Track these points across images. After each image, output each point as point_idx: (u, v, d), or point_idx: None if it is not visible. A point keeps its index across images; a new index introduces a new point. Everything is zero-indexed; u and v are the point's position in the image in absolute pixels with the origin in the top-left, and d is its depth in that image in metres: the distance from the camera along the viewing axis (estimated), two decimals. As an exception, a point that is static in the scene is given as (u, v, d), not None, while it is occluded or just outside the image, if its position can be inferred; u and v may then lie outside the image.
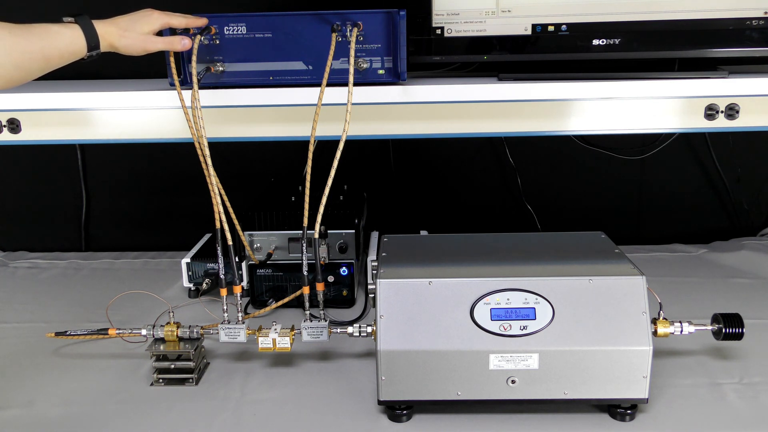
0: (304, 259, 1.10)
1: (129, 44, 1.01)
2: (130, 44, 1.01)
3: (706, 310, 1.17)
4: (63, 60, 0.94)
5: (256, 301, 1.43)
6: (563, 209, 1.88)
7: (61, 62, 0.94)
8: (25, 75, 0.91)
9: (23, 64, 0.89)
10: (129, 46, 1.01)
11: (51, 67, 0.93)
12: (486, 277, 1.01)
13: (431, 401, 1.01)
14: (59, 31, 0.93)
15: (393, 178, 1.85)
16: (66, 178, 1.87)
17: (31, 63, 0.90)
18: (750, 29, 1.20)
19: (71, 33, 0.94)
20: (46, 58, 0.91)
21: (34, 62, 0.90)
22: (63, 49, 0.93)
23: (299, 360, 1.22)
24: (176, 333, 1.14)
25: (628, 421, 1.00)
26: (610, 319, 0.98)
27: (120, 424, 1.04)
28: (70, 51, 0.95)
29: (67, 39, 0.94)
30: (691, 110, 1.16)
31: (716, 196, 1.87)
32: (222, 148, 1.55)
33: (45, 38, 0.91)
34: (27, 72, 0.91)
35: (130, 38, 1.00)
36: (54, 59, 0.93)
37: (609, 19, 1.23)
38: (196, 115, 1.06)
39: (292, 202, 1.54)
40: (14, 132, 1.21)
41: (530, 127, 1.18)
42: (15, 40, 0.87)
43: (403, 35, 1.14)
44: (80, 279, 1.68)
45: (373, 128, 1.19)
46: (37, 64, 0.91)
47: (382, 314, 1.00)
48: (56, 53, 0.93)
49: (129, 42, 1.00)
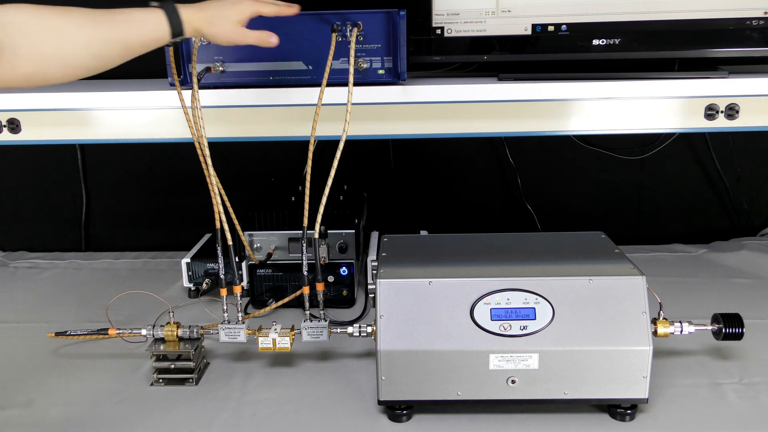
0: (304, 259, 1.10)
1: (218, 33, 0.94)
2: (219, 33, 0.95)
3: (706, 310, 1.17)
4: (144, 48, 0.89)
5: (256, 301, 1.43)
6: (563, 209, 1.88)
7: (142, 50, 0.89)
8: (103, 64, 0.85)
9: (102, 53, 0.83)
10: (218, 35, 0.95)
11: (132, 55, 0.88)
12: (486, 277, 1.01)
13: (431, 401, 1.01)
14: (142, 18, 0.87)
15: (393, 178, 1.84)
16: (66, 178, 1.87)
17: (111, 52, 0.84)
18: (750, 29, 1.20)
19: (154, 19, 0.88)
20: (126, 47, 0.86)
21: (114, 51, 0.84)
22: (145, 36, 0.87)
23: (299, 360, 1.22)
24: (176, 333, 1.14)
25: (628, 421, 1.00)
26: (610, 319, 0.98)
27: (120, 424, 1.04)
28: (152, 38, 0.88)
29: (149, 26, 0.87)
30: (691, 110, 1.16)
31: (716, 196, 1.87)
32: (222, 148, 1.56)
33: (127, 26, 0.85)
34: (106, 61, 0.85)
35: (220, 26, 0.94)
36: (135, 47, 0.87)
37: (609, 19, 1.23)
38: (196, 115, 1.06)
39: (292, 202, 1.54)
40: (14, 132, 1.21)
41: (530, 127, 1.19)
42: (95, 28, 0.82)
43: (403, 35, 1.14)
44: (80, 279, 1.68)
45: (373, 128, 1.19)
46: (117, 53, 0.85)
47: (382, 314, 1.00)
48: (137, 41, 0.86)
49: (218, 30, 0.94)
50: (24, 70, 0.77)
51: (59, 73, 0.81)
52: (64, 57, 0.80)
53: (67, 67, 0.81)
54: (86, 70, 0.83)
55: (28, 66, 0.77)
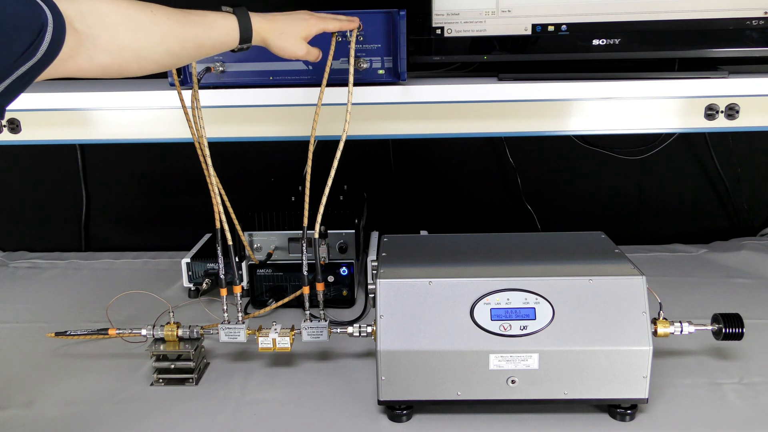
0: (304, 259, 1.10)
1: (284, 46, 0.99)
2: (286, 46, 0.99)
3: (706, 310, 1.17)
4: (215, 50, 0.92)
5: (256, 301, 1.43)
6: (563, 209, 1.88)
7: (213, 52, 0.92)
8: (176, 61, 0.88)
9: (176, 50, 0.86)
10: (283, 48, 0.99)
11: (203, 55, 0.91)
12: (486, 277, 1.01)
13: (431, 401, 1.01)
14: (215, 21, 0.91)
15: (393, 178, 1.84)
16: (66, 178, 1.87)
17: (184, 50, 0.87)
18: (750, 29, 1.20)
19: (226, 24, 0.92)
20: (199, 47, 0.89)
21: (187, 50, 0.87)
22: (216, 39, 0.91)
23: (299, 360, 1.22)
24: (176, 333, 1.14)
25: (628, 421, 1.00)
26: (610, 319, 0.98)
27: (120, 424, 1.04)
28: (222, 42, 0.92)
29: (221, 30, 0.91)
30: (691, 110, 1.16)
31: (716, 196, 1.87)
32: (222, 148, 1.55)
33: (201, 26, 0.88)
34: (178, 58, 0.88)
35: (287, 40, 0.99)
36: (206, 48, 0.90)
37: (609, 19, 1.23)
38: (196, 115, 1.06)
39: (292, 202, 1.54)
40: (14, 132, 1.21)
41: (530, 127, 1.19)
42: (172, 26, 0.84)
43: (403, 35, 1.14)
44: (80, 279, 1.68)
45: (373, 128, 1.19)
46: (189, 52, 0.88)
47: (382, 314, 1.00)
48: (209, 42, 0.90)
49: (285, 44, 0.99)
50: (101, 61, 0.77)
51: (135, 66, 0.82)
52: (140, 51, 0.81)
53: (142, 61, 0.82)
54: (160, 65, 0.85)
55: (105, 57, 0.77)
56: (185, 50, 0.87)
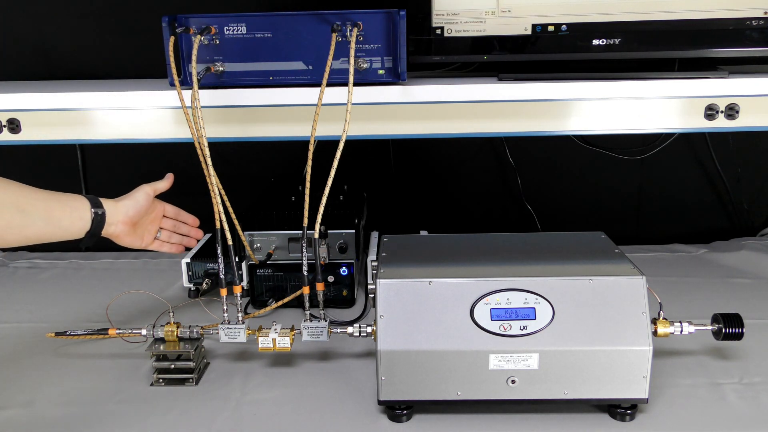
0: (304, 259, 1.10)
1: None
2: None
3: (706, 310, 1.17)
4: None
5: (256, 301, 1.43)
6: (563, 209, 1.88)
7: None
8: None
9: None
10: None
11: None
12: (486, 277, 1.01)
13: (431, 401, 1.00)
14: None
15: (393, 178, 1.85)
16: (66, 178, 1.87)
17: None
18: (750, 29, 1.20)
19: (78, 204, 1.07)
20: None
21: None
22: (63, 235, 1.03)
23: (299, 360, 1.22)
24: (176, 333, 1.14)
25: (628, 421, 1.00)
26: (610, 319, 0.98)
27: (120, 424, 1.04)
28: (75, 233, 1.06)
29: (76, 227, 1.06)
30: (691, 110, 1.16)
31: (716, 196, 1.87)
32: (222, 148, 1.56)
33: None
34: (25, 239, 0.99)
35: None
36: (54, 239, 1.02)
37: (609, 19, 1.23)
38: (196, 115, 1.06)
39: (292, 202, 1.54)
40: (14, 132, 1.21)
41: (530, 127, 1.19)
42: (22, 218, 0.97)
43: (403, 35, 1.14)
44: (80, 279, 1.68)
45: (373, 128, 1.19)
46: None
47: (382, 314, 1.00)
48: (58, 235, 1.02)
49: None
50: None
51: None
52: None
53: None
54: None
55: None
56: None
